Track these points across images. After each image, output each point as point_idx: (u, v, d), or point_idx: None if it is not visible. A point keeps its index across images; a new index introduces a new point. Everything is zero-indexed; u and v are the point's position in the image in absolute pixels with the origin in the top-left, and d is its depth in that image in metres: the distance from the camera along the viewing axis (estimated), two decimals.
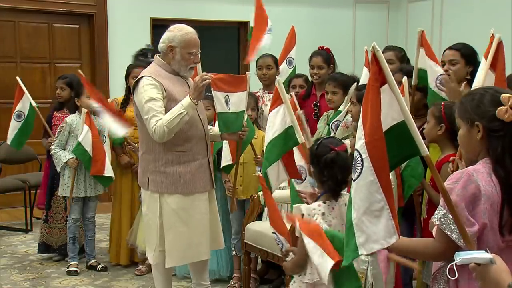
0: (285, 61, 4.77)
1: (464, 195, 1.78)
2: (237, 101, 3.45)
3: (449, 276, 1.66)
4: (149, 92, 3.14)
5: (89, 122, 4.32)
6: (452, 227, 1.78)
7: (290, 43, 4.94)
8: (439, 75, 3.28)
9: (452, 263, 1.64)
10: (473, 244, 1.75)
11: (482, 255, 1.57)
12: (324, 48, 4.49)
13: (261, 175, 2.83)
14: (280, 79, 3.11)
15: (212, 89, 3.32)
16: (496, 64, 2.98)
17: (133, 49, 5.23)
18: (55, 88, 4.84)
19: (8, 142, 4.74)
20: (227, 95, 3.40)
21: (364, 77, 3.77)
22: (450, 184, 1.82)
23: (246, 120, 3.65)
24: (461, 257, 1.59)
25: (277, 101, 3.02)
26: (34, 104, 4.62)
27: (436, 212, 1.84)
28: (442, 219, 1.80)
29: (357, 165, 1.88)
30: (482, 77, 2.88)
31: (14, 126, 4.67)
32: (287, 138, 2.95)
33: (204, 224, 3.31)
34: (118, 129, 3.85)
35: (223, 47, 5.15)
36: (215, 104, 3.40)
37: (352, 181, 1.93)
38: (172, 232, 3.25)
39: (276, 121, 2.99)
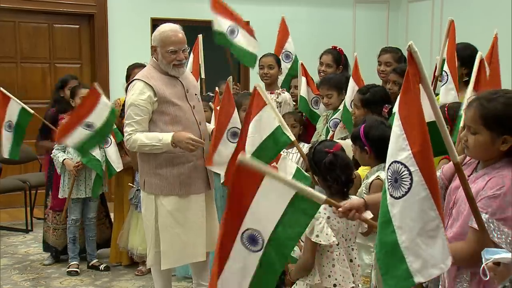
0: (280, 56, 4.53)
1: None
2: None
3: (482, 277, 1.56)
4: (134, 96, 3.17)
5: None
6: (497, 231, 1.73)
7: (283, 36, 4.65)
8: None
9: (483, 264, 1.55)
10: None
11: (507, 255, 1.52)
12: (338, 48, 4.40)
13: None
14: (259, 84, 3.03)
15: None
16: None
17: (133, 49, 5.22)
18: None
19: (6, 155, 4.41)
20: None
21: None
22: (494, 191, 1.76)
23: None
24: (490, 255, 1.53)
25: (258, 106, 2.93)
26: (31, 111, 4.35)
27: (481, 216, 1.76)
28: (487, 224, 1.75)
29: (404, 180, 1.66)
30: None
31: (7, 137, 4.36)
32: (276, 138, 2.90)
33: (199, 226, 3.30)
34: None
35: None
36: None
37: (391, 198, 1.71)
38: (168, 233, 3.24)
39: (262, 125, 2.92)
